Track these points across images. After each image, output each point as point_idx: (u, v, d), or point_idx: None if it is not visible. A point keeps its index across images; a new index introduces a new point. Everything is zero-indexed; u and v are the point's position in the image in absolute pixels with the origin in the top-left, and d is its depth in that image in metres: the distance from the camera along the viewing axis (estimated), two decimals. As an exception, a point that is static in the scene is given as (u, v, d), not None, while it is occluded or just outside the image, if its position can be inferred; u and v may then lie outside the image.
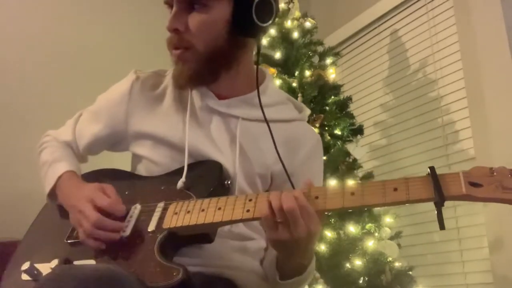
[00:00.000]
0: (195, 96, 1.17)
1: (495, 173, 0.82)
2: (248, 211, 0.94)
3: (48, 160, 1.22)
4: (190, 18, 1.07)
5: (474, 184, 0.82)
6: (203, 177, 1.08)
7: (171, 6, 1.10)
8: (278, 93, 1.27)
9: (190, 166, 1.10)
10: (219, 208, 0.96)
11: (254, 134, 1.15)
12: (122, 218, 1.04)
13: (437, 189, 0.82)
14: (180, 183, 1.07)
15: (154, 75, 1.25)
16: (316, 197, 0.90)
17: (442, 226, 0.82)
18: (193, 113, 1.16)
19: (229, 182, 1.09)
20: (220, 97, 1.16)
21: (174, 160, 1.13)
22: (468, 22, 2.33)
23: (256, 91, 1.13)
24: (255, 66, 1.15)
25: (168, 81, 1.22)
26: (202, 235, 1.01)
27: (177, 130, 1.14)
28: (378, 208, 2.16)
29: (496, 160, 2.10)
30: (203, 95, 1.16)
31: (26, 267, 1.01)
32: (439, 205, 0.82)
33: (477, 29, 2.29)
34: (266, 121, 1.10)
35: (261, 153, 1.14)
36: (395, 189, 0.86)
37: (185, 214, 0.99)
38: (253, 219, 0.94)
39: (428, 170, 0.85)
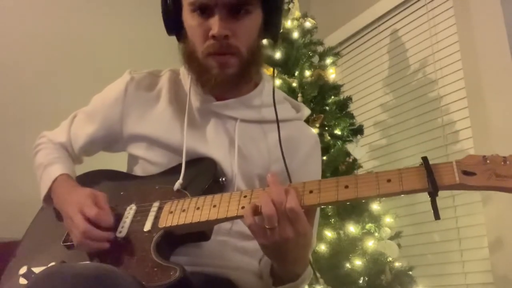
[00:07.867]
0: (192, 97, 1.17)
1: (488, 161, 0.80)
2: (243, 207, 0.93)
3: (43, 162, 1.22)
4: (238, 23, 1.05)
5: (467, 173, 0.80)
6: (198, 175, 1.08)
7: (201, 11, 1.05)
8: (276, 93, 1.27)
9: (185, 164, 1.10)
10: (214, 206, 0.96)
11: (251, 135, 1.15)
12: (117, 220, 1.04)
13: (431, 179, 0.80)
14: (177, 185, 1.06)
15: (149, 75, 1.24)
16: (311, 191, 0.90)
17: (437, 216, 0.81)
18: (190, 114, 1.15)
19: (223, 179, 1.09)
20: (217, 97, 1.16)
21: (171, 161, 1.12)
22: (468, 22, 2.33)
23: (253, 92, 1.17)
24: None
25: (163, 82, 1.22)
26: (198, 233, 1.01)
27: (174, 132, 1.13)
28: (378, 208, 2.16)
29: (496, 160, 2.09)
30: (201, 96, 1.16)
31: (24, 271, 1.01)
32: (433, 195, 0.81)
33: (477, 29, 2.29)
34: (277, 121, 1.11)
35: (259, 154, 1.14)
36: (389, 181, 0.85)
37: (180, 213, 0.99)
38: None
39: (421, 160, 0.84)
